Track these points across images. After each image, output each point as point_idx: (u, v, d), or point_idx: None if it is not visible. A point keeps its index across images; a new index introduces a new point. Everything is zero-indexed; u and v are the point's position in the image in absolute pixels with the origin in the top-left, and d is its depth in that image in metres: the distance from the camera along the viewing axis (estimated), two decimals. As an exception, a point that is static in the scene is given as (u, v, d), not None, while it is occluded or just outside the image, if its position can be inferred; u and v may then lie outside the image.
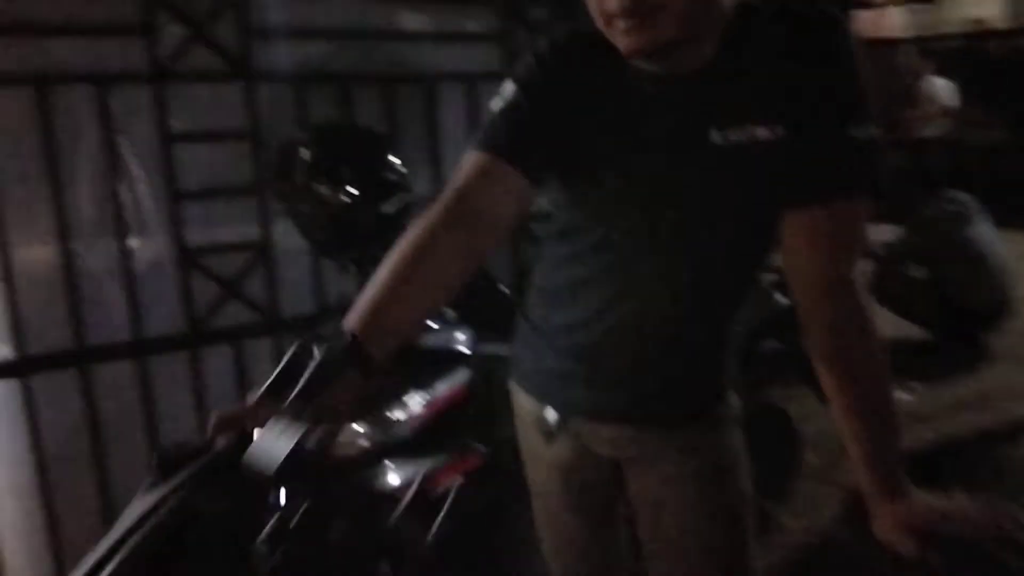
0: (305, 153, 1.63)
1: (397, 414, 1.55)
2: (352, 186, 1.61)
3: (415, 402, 1.57)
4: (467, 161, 0.93)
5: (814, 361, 0.98)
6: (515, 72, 0.97)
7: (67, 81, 1.84)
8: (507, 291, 1.83)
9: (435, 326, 1.68)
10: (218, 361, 2.14)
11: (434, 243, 0.88)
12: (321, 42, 2.19)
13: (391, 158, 1.67)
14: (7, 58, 1.78)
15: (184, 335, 2.08)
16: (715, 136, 0.91)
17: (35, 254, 1.92)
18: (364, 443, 1.52)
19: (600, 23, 0.88)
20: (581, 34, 0.94)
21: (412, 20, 2.34)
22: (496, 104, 0.96)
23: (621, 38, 0.86)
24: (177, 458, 0.70)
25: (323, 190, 1.60)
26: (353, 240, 1.63)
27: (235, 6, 1.99)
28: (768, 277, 1.89)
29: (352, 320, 0.83)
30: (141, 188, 2.01)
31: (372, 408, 1.48)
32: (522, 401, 1.19)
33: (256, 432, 0.71)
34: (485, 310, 1.70)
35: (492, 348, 1.65)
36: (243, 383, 2.15)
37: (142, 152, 1.99)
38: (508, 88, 0.96)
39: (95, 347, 1.98)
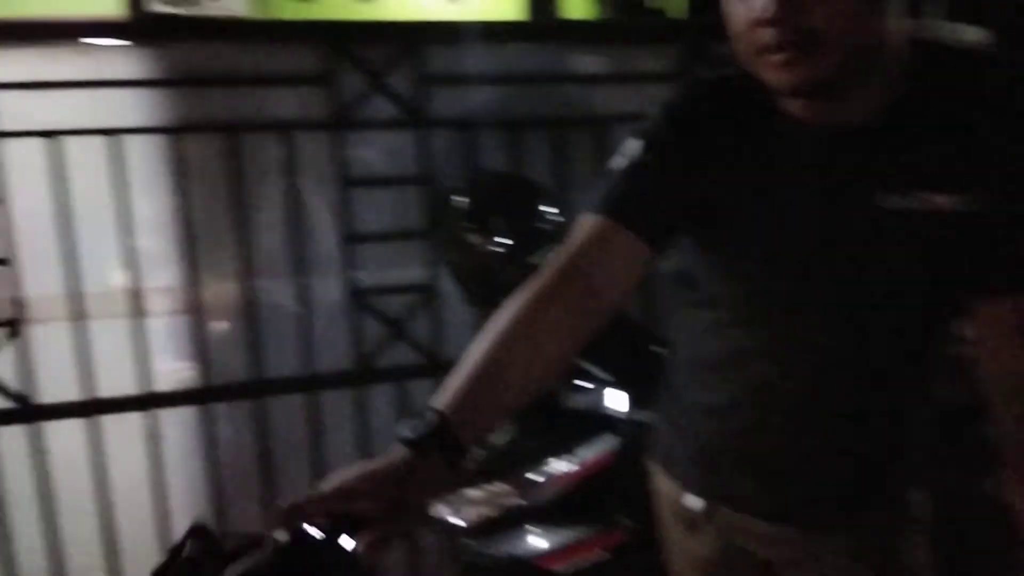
0: (459, 201, 1.61)
1: (537, 477, 1.47)
2: (504, 236, 1.56)
3: (557, 466, 1.47)
4: (580, 224, 0.84)
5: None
6: (640, 127, 0.86)
7: (254, 129, 1.96)
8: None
9: (585, 385, 1.58)
10: (383, 400, 2.17)
11: (539, 315, 0.79)
12: (495, 87, 2.18)
13: (546, 208, 1.61)
14: (201, 107, 1.93)
15: (351, 373, 2.13)
16: (884, 199, 0.75)
17: (222, 290, 2.06)
18: (501, 504, 1.45)
19: (750, 58, 0.75)
20: (722, 80, 0.81)
21: (587, 62, 2.28)
22: (617, 162, 0.85)
23: (775, 73, 0.73)
24: (219, 550, 0.66)
25: (475, 239, 1.57)
26: (501, 291, 1.58)
27: (411, 55, 2.03)
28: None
29: (442, 398, 0.76)
30: (318, 230, 2.10)
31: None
32: (662, 483, 1.07)
33: (312, 530, 0.65)
34: (640, 371, 1.58)
35: (646, 415, 1.53)
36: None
37: (320, 195, 2.08)
38: (632, 145, 0.85)
39: (270, 380, 2.08)
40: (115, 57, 1.87)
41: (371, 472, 0.70)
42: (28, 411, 1.89)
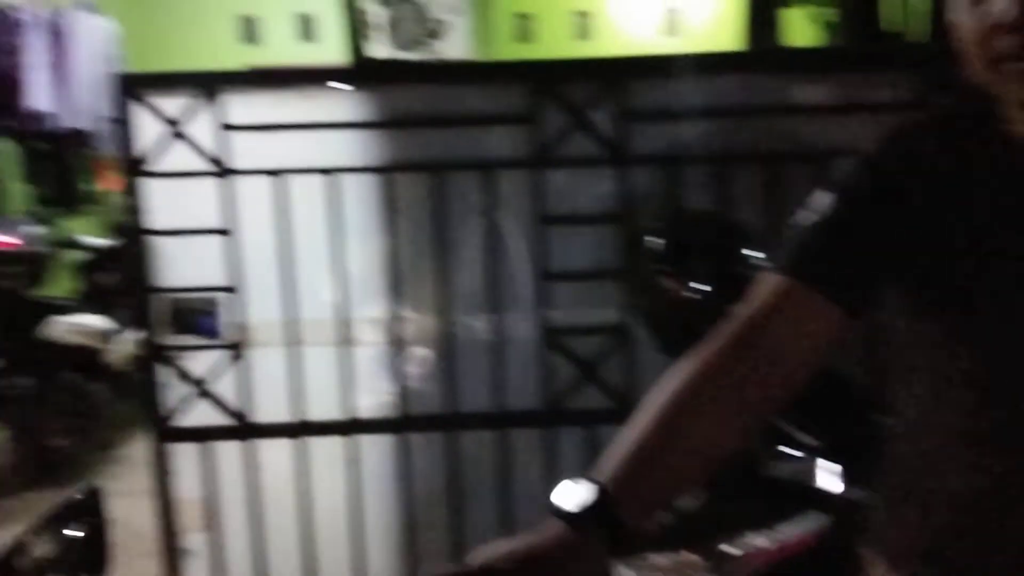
0: (654, 242, 1.52)
1: (732, 549, 1.33)
2: (701, 281, 1.45)
3: (755, 541, 1.33)
4: (761, 284, 0.73)
5: None
6: (833, 179, 0.75)
7: (458, 168, 2.00)
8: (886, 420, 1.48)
9: (791, 453, 1.42)
10: (571, 442, 2.11)
11: (715, 383, 0.70)
12: (703, 121, 2.07)
13: (751, 251, 1.47)
14: (413, 147, 2.01)
15: (540, 412, 2.10)
16: None
17: (423, 323, 2.11)
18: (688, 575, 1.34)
19: (985, 71, 0.64)
20: (939, 114, 0.69)
21: (809, 92, 2.10)
22: (805, 218, 0.75)
23: (1018, 85, 0.62)
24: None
25: (668, 283, 1.47)
26: (697, 341, 1.46)
27: (615, 91, 1.98)
28: None
29: (604, 469, 0.68)
30: (515, 267, 2.10)
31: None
32: None
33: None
34: (857, 441, 1.39)
35: (863, 493, 1.34)
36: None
37: (518, 233, 2.07)
38: (822, 199, 0.74)
39: (462, 414, 2.10)
40: (336, 100, 1.99)
41: (522, 550, 0.64)
42: (245, 428, 2.05)
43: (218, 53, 5.85)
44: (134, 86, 1.92)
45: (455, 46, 4.24)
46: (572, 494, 0.67)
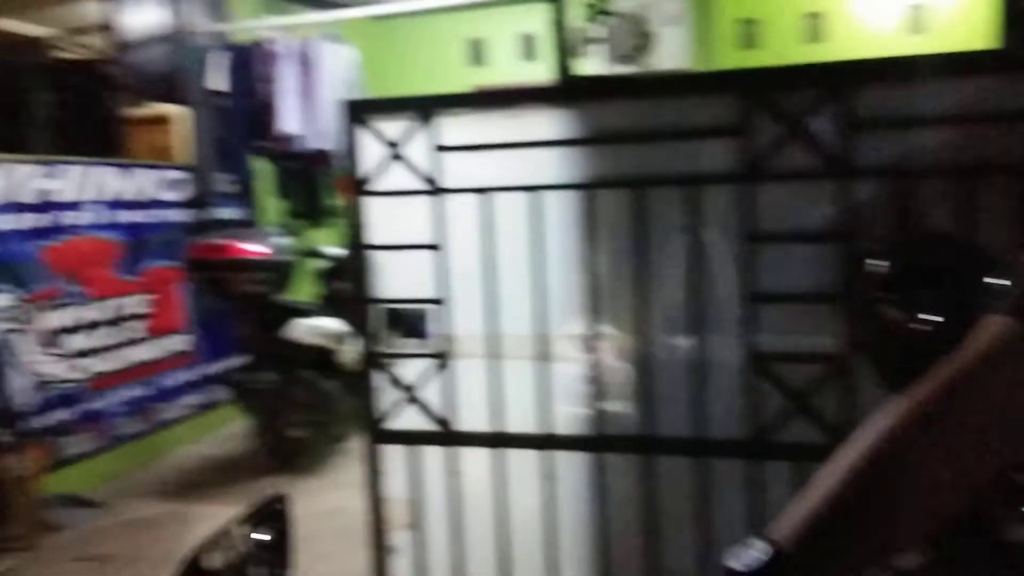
0: (876, 266, 1.37)
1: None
2: (931, 312, 1.28)
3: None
4: (985, 328, 0.63)
5: None
6: None
7: (662, 183, 1.94)
8: None
9: None
10: (778, 477, 1.97)
11: (929, 430, 0.60)
12: (943, 130, 1.84)
13: (993, 280, 1.28)
14: (611, 163, 1.98)
15: (745, 443, 1.97)
16: None
17: (622, 342, 2.07)
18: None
19: None
20: None
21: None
22: None
23: None
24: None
25: (892, 312, 1.31)
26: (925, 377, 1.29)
27: (837, 98, 1.82)
28: None
29: (784, 527, 0.61)
30: (721, 287, 2.00)
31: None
32: None
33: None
34: None
35: None
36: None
37: (725, 251, 1.97)
38: None
39: (660, 438, 2.03)
40: (541, 119, 2.02)
41: None
42: (447, 435, 2.13)
43: (449, 75, 6.22)
44: (359, 112, 2.08)
45: (672, 57, 4.16)
46: (745, 556, 0.60)
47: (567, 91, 2.01)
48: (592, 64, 3.75)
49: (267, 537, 0.75)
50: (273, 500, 0.77)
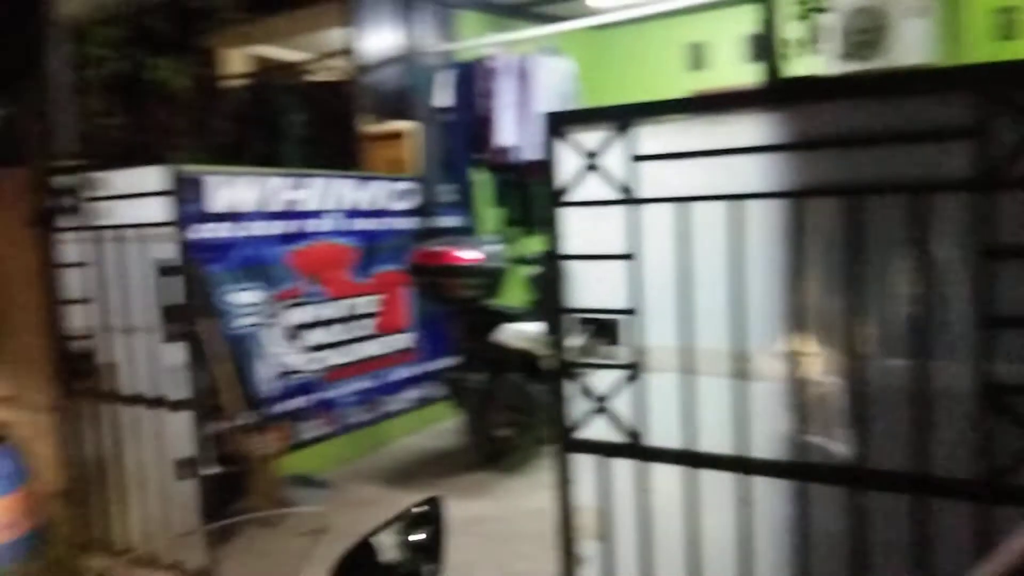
0: None
1: None
2: None
3: None
4: None
5: None
6: None
7: (880, 191, 1.77)
8: None
9: None
10: (1015, 525, 1.71)
11: None
12: None
13: None
14: (823, 170, 1.83)
15: (974, 484, 1.74)
16: None
17: (831, 363, 1.92)
18: None
19: None
20: None
21: None
22: None
23: None
24: None
25: None
26: None
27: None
28: None
29: None
30: (950, 308, 1.78)
31: None
32: None
33: None
34: None
35: None
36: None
37: (955, 267, 1.76)
38: None
39: (872, 471, 1.85)
40: (745, 124, 1.92)
41: None
42: (637, 449, 2.09)
43: (668, 81, 6.14)
44: (558, 123, 2.11)
45: (912, 51, 3.79)
46: None
47: (775, 93, 1.89)
48: (814, 63, 3.51)
49: (422, 536, 0.79)
50: (430, 504, 0.80)
